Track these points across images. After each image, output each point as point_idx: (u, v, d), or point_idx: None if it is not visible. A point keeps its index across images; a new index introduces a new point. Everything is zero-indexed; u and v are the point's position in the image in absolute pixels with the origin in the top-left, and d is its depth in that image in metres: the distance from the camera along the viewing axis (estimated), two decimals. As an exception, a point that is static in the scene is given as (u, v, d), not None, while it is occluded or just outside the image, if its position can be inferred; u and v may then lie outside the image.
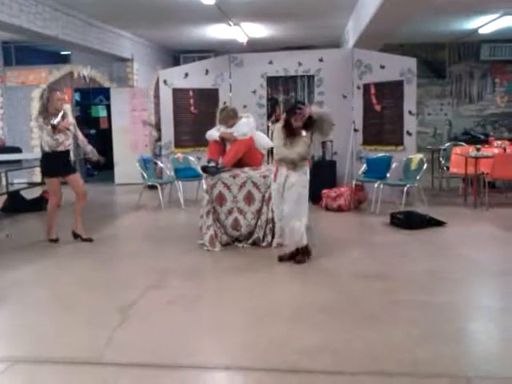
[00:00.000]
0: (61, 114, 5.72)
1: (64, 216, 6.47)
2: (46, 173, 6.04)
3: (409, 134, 7.97)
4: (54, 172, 5.92)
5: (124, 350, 3.26)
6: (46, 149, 5.79)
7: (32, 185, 9.97)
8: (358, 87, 8.47)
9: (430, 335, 3.36)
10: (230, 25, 9.81)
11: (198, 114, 8.82)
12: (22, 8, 7.27)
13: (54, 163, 5.86)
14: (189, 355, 3.20)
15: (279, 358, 3.11)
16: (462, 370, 2.96)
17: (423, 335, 3.36)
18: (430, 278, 4.58)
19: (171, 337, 3.44)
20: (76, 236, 6.08)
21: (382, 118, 8.26)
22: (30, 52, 11.51)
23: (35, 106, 11.56)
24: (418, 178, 7.15)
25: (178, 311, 3.90)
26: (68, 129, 5.83)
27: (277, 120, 5.40)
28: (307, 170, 4.99)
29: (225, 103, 8.17)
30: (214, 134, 6.12)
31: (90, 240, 6.05)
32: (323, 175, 8.12)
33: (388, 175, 7.43)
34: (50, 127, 5.65)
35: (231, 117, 6.07)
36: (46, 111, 5.76)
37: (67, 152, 5.96)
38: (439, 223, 6.40)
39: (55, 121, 5.64)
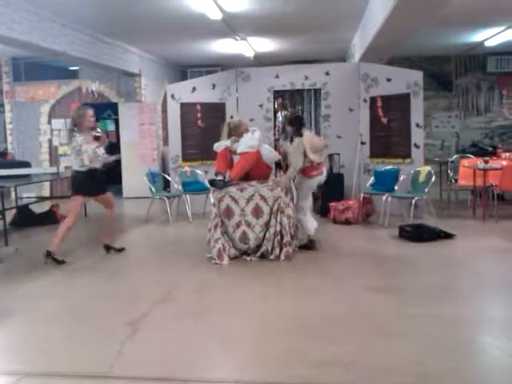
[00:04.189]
0: (99, 130, 5.90)
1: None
2: (84, 191, 5.92)
3: (416, 146, 7.96)
4: (90, 190, 5.91)
5: (133, 364, 3.25)
6: (87, 163, 5.70)
7: (41, 199, 10.04)
8: (365, 100, 8.49)
9: (440, 348, 3.33)
10: (236, 39, 9.90)
11: (205, 127, 8.86)
12: (32, 25, 7.39)
13: (95, 180, 5.86)
14: (198, 369, 3.18)
15: (289, 371, 3.09)
16: (472, 383, 2.94)
17: (434, 348, 3.33)
18: (440, 290, 4.55)
19: (180, 350, 3.43)
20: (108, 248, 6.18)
21: (389, 130, 8.26)
22: (39, 67, 11.64)
23: (44, 121, 11.72)
24: (426, 190, 7.13)
25: (186, 324, 3.89)
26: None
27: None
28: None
29: (232, 117, 8.23)
30: (222, 144, 6.14)
31: (122, 249, 6.20)
32: (331, 188, 8.12)
33: (396, 188, 7.42)
34: (91, 144, 5.71)
35: (239, 125, 6.16)
36: (80, 129, 5.77)
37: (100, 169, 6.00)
38: (448, 236, 6.37)
39: (97, 133, 5.82)
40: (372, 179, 7.92)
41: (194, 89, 9.01)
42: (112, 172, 8.79)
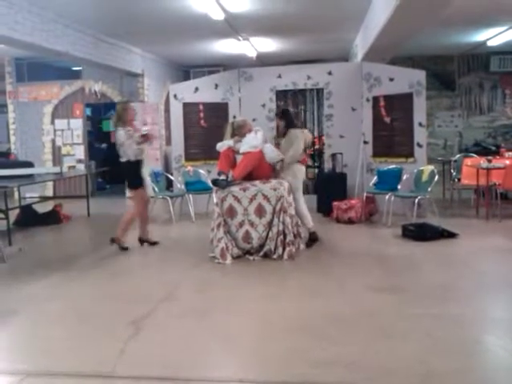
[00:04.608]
0: (145, 128, 6.18)
1: (72, 230, 6.51)
2: (135, 183, 6.21)
3: (419, 145, 7.95)
4: (141, 181, 6.25)
5: (136, 363, 3.26)
6: (132, 158, 6.08)
7: (44, 199, 10.05)
8: (368, 100, 8.49)
9: (443, 348, 3.33)
10: (239, 39, 9.89)
11: (207, 127, 8.87)
12: (35, 26, 7.39)
13: (139, 173, 6.20)
14: (201, 368, 3.18)
15: (292, 370, 3.09)
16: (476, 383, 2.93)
17: (437, 348, 3.32)
18: (443, 290, 4.54)
19: (183, 349, 3.44)
20: (143, 241, 6.39)
21: (391, 130, 8.26)
22: (42, 68, 11.64)
23: (47, 121, 11.74)
24: (429, 189, 7.12)
25: (189, 324, 3.89)
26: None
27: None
28: None
29: (234, 117, 8.23)
30: (225, 144, 6.15)
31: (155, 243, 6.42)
32: (334, 187, 8.13)
33: (399, 187, 7.41)
34: (136, 136, 6.02)
35: (243, 125, 6.18)
36: (124, 122, 6.10)
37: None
38: (452, 235, 6.36)
39: (144, 131, 6.16)
40: (375, 178, 7.91)
41: (196, 89, 9.01)
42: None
